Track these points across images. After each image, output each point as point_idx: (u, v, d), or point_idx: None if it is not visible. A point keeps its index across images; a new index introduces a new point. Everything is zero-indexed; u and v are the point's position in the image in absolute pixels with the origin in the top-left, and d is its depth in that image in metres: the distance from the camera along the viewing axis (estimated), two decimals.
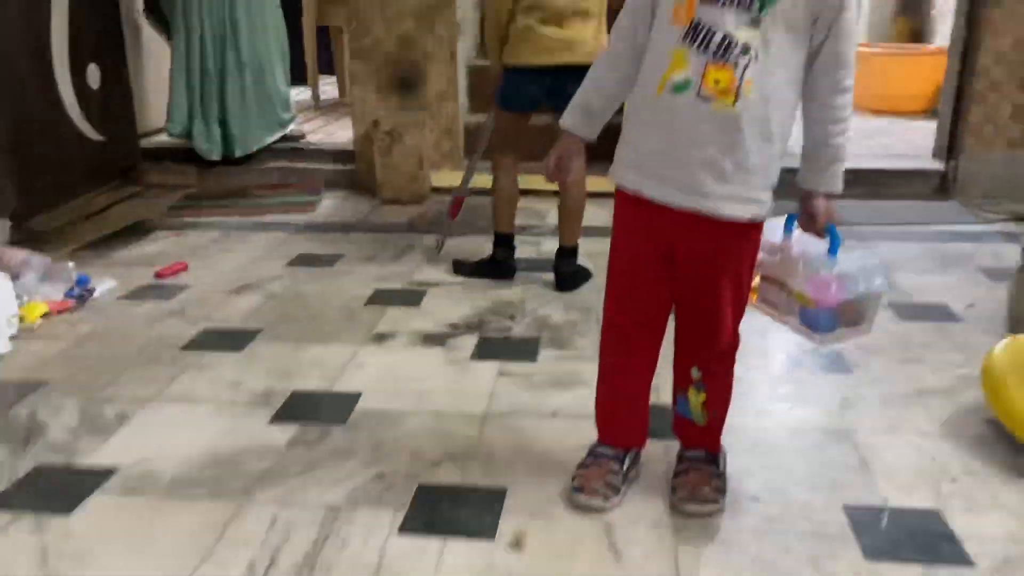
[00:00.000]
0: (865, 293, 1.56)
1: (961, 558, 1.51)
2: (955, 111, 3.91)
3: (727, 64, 1.39)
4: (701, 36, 1.40)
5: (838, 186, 1.53)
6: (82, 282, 2.75)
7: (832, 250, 1.54)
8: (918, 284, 2.86)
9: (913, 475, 1.76)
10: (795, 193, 1.55)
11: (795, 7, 1.38)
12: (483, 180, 3.01)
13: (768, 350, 2.34)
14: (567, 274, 2.84)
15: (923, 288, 2.82)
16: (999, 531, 1.58)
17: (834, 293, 1.54)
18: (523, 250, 3.05)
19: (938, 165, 3.98)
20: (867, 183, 3.87)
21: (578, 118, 1.61)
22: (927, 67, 5.22)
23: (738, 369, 1.67)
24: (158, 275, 2.96)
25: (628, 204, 1.56)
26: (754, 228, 1.53)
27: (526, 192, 3.01)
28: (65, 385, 2.17)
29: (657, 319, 1.64)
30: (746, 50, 1.38)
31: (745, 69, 1.39)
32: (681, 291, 1.60)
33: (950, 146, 3.93)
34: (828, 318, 1.57)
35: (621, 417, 1.72)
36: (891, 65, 5.71)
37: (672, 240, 1.55)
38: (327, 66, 5.98)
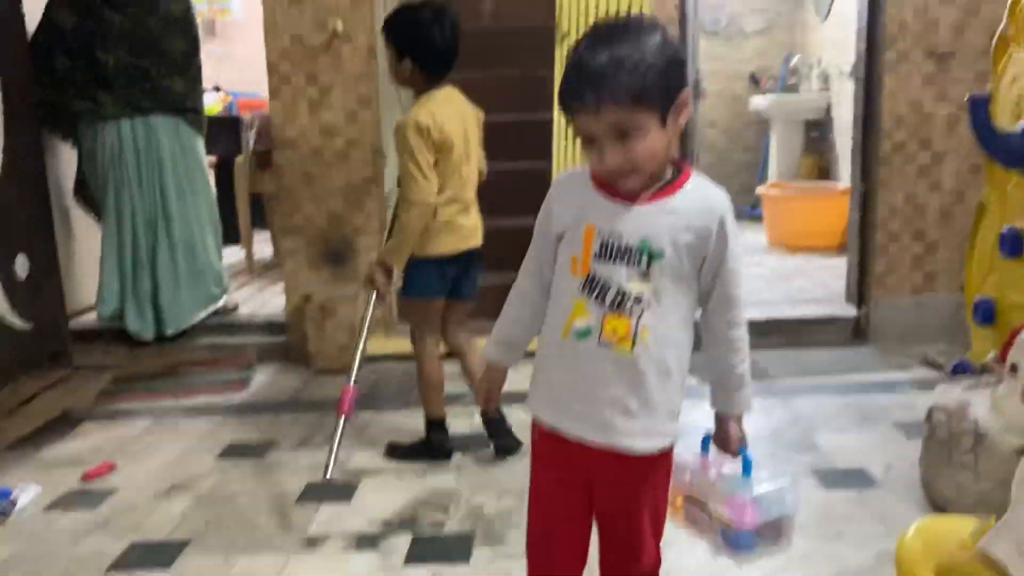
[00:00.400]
0: (779, 516, 1.64)
1: None
2: (861, 259, 4.15)
3: (623, 314, 1.49)
4: (597, 289, 1.51)
5: (749, 407, 1.62)
6: (3, 495, 2.69)
7: (746, 471, 1.63)
8: (837, 444, 2.97)
9: None
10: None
11: (680, 260, 1.50)
12: (397, 345, 3.06)
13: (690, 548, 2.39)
14: (502, 442, 2.91)
15: (842, 449, 2.93)
16: None
17: (751, 516, 1.62)
18: (457, 423, 3.09)
19: (851, 311, 4.18)
20: (784, 332, 4.05)
21: (501, 351, 1.73)
22: (837, 205, 5.51)
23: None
24: (85, 478, 2.91)
25: (545, 438, 1.63)
26: (664, 456, 1.61)
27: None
28: None
29: (577, 550, 1.68)
30: (639, 300, 1.49)
31: (640, 318, 1.49)
32: (600, 516, 1.65)
33: (860, 292, 4.15)
34: (748, 538, 1.64)
35: None
36: (802, 204, 6.05)
37: (588, 470, 1.61)
38: (261, 221, 6.06)
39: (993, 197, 2.89)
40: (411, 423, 3.18)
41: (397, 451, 3.02)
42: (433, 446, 2.95)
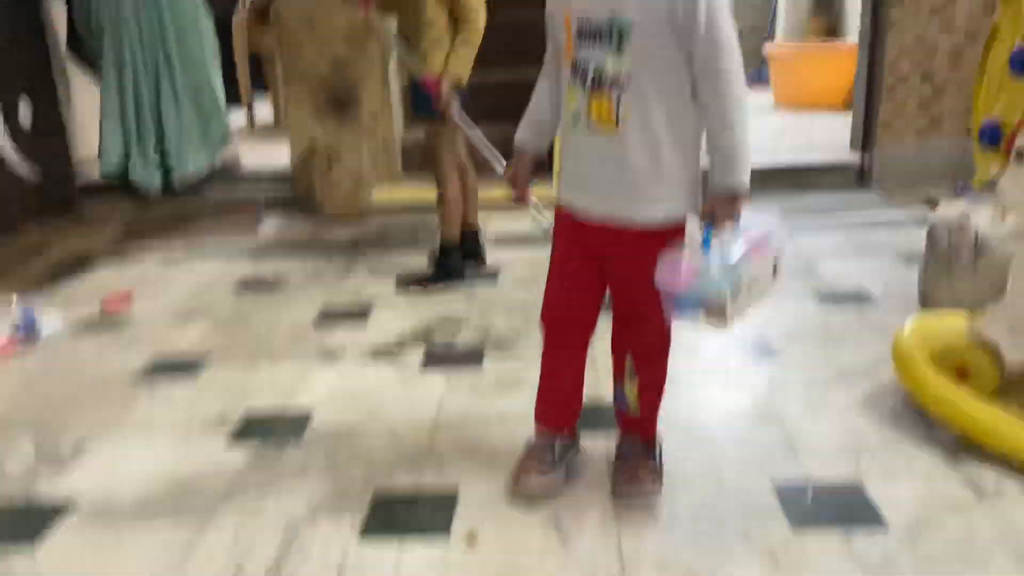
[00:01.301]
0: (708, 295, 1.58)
1: (877, 519, 1.65)
2: (867, 105, 4.13)
3: (603, 94, 1.54)
4: (580, 72, 1.57)
5: (739, 184, 1.59)
6: (27, 318, 2.77)
7: (704, 244, 1.58)
8: (838, 271, 3.03)
9: (835, 450, 1.90)
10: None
11: (654, 36, 1.50)
12: (405, 194, 3.11)
13: (699, 345, 2.47)
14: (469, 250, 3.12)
15: (842, 275, 2.99)
16: (911, 495, 1.72)
17: (681, 277, 1.51)
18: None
19: (855, 157, 4.19)
20: (788, 178, 4.06)
21: (526, 136, 1.80)
22: (843, 63, 5.44)
23: (672, 364, 1.79)
24: (104, 306, 2.98)
25: (563, 216, 1.71)
26: (669, 232, 1.63)
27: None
28: (18, 422, 2.20)
29: (586, 314, 1.76)
30: (616, 79, 1.53)
31: (620, 97, 1.53)
32: (613, 287, 1.72)
33: (865, 138, 4.15)
34: (687, 302, 1.56)
35: (552, 401, 1.85)
36: (808, 62, 5.97)
37: (599, 246, 1.67)
38: (260, 84, 6.00)
39: (1006, 17, 2.84)
40: (419, 263, 3.24)
41: (409, 281, 3.09)
42: (449, 267, 3.05)
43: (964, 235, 2.44)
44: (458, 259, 3.09)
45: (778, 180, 4.00)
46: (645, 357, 1.77)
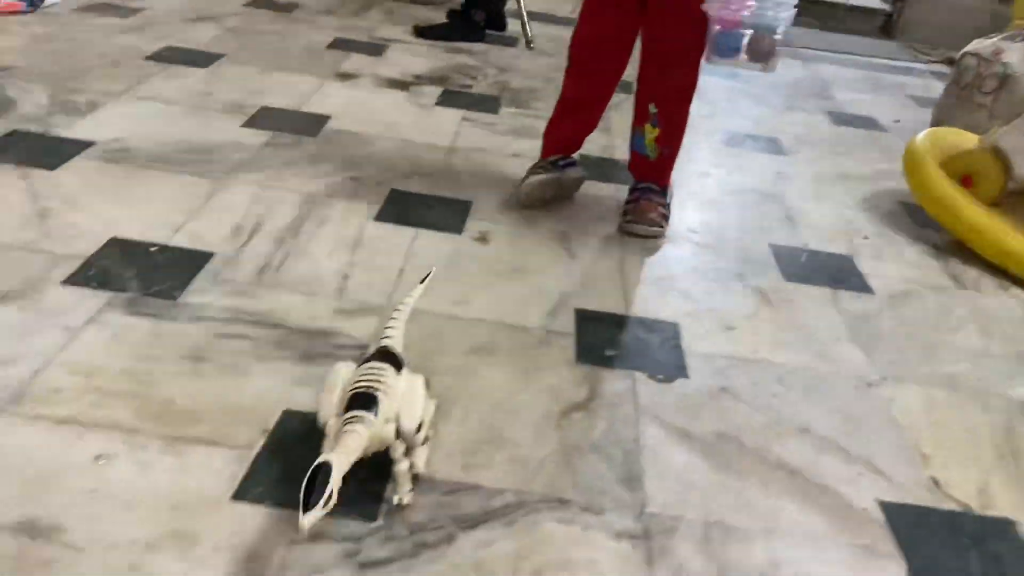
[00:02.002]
0: (764, 23, 1.55)
1: (864, 287, 1.75)
2: None
3: None
4: None
5: None
6: None
7: None
8: (852, 99, 3.05)
9: (832, 231, 1.98)
10: None
11: None
12: None
13: (715, 128, 2.50)
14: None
15: (856, 102, 3.01)
16: (899, 275, 1.82)
17: (731, 11, 1.56)
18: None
19: (886, 6, 4.11)
20: (817, 14, 3.99)
21: None
22: None
23: (687, 141, 1.82)
24: None
25: None
26: None
27: None
28: (29, 74, 2.16)
29: (617, 49, 1.76)
30: None
31: None
32: (650, 20, 1.71)
33: None
34: (731, 40, 1.58)
35: (564, 127, 1.89)
36: None
37: None
38: None
39: None
40: (438, 17, 3.16)
41: (428, 31, 3.02)
42: (471, 23, 2.98)
43: (992, 66, 2.45)
44: (481, 17, 3.01)
45: (807, 14, 3.93)
46: (670, 103, 1.80)
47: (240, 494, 1.02)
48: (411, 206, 1.80)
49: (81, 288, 1.36)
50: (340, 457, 0.91)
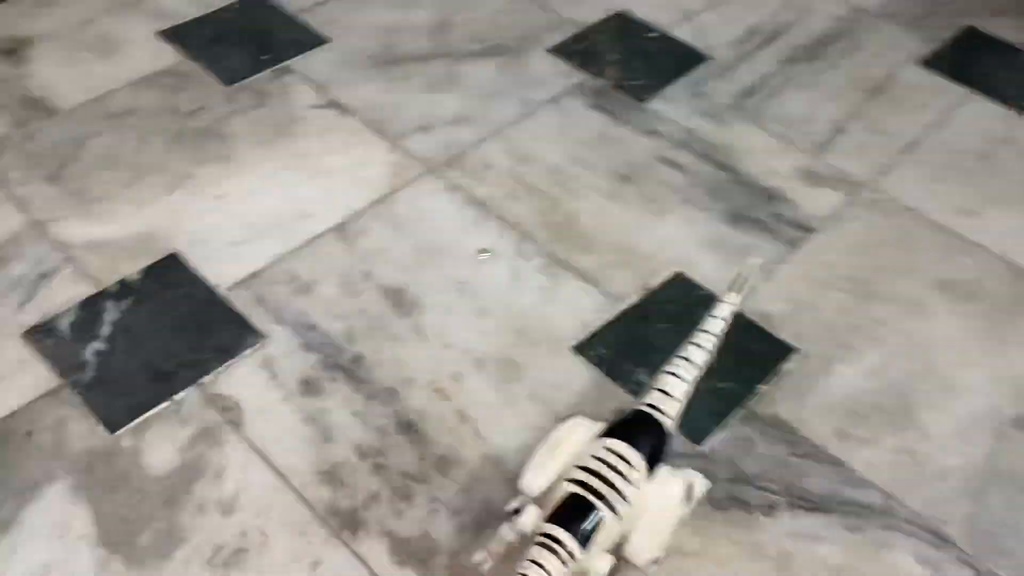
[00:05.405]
0: None
1: None
2: None
3: None
4: None
5: None
6: None
7: None
8: None
9: None
10: None
11: None
12: None
13: None
14: None
15: None
16: None
17: None
18: None
19: None
20: None
21: None
22: None
23: None
24: None
25: None
26: None
27: None
28: None
29: None
30: None
31: None
32: None
33: None
34: None
35: None
36: None
37: None
38: None
39: None
40: None
41: None
42: None
43: None
44: None
45: None
46: None
47: (582, 348, 0.95)
48: (983, 55, 1.37)
49: (562, 61, 1.31)
50: None
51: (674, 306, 0.99)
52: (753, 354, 0.95)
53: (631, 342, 0.96)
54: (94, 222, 1.05)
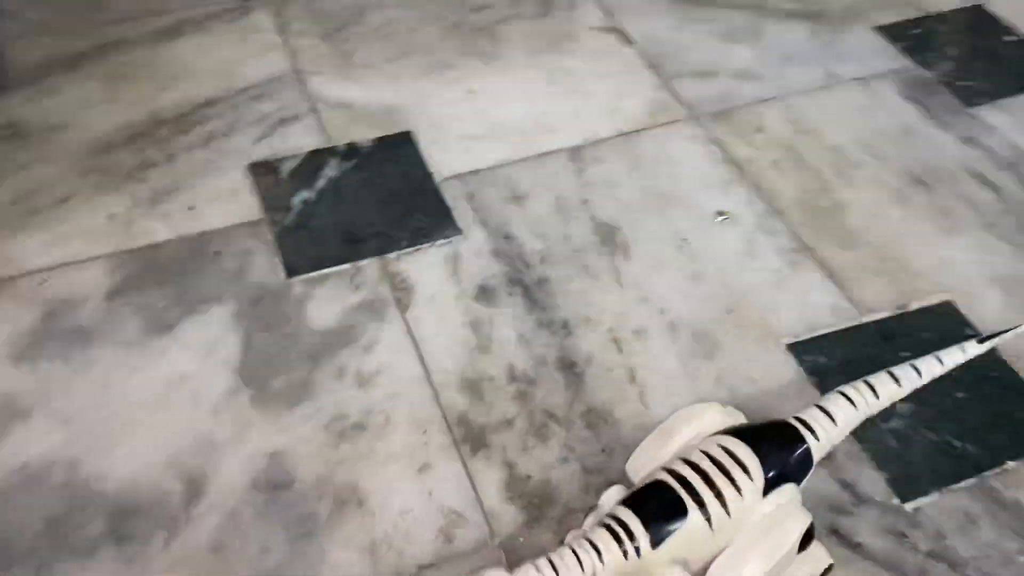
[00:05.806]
0: None
1: None
2: None
3: None
4: None
5: None
6: None
7: None
8: None
9: None
10: None
11: None
12: None
13: None
14: None
15: None
16: None
17: None
18: None
19: None
20: None
21: None
22: None
23: None
24: None
25: None
26: None
27: None
28: None
29: None
30: None
31: None
32: None
33: None
34: None
35: None
36: None
37: None
38: None
39: None
40: None
41: None
42: None
43: None
44: None
45: None
46: None
47: (797, 348, 0.80)
48: None
49: (888, 42, 1.13)
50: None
51: (929, 335, 0.80)
52: (1015, 422, 0.74)
53: (860, 360, 0.78)
54: (349, 85, 1.05)
